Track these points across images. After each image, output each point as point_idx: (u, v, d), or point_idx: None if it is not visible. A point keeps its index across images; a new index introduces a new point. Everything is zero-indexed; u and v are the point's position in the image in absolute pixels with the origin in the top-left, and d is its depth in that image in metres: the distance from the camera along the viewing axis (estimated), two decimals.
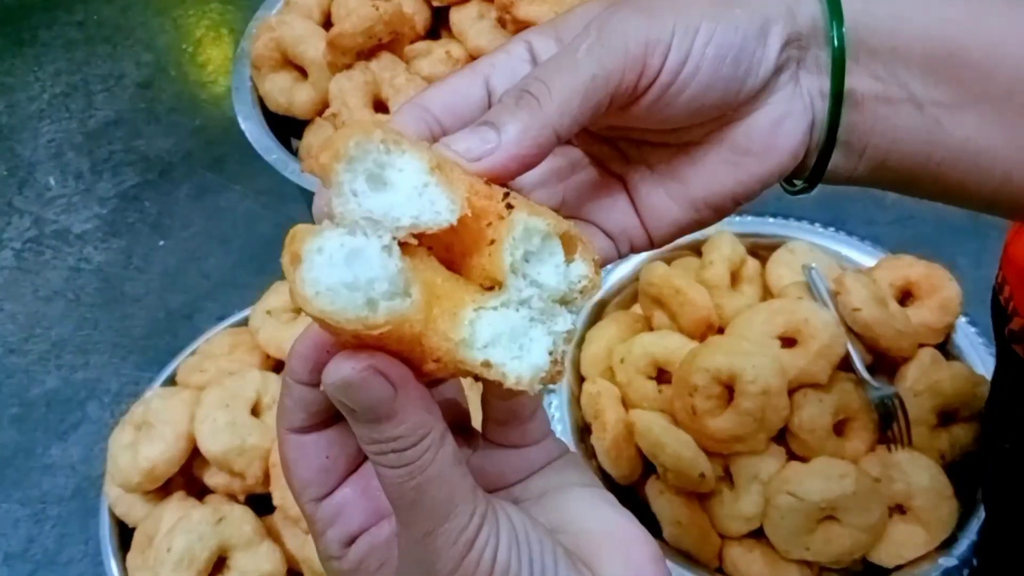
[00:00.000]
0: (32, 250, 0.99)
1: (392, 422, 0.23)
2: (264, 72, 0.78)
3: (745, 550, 0.60)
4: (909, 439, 0.61)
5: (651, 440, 0.59)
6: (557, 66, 0.26)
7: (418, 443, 0.23)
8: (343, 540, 0.27)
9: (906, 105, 0.29)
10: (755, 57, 0.28)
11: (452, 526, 0.23)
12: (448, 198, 0.24)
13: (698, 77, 0.27)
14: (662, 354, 0.63)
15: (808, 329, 0.61)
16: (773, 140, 0.29)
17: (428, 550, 0.24)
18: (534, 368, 0.24)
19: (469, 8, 0.78)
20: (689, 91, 0.27)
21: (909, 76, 0.28)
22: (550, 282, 0.25)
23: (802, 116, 0.29)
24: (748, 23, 0.27)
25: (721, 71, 0.27)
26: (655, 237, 0.31)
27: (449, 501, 0.24)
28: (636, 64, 0.26)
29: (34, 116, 1.14)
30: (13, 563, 0.76)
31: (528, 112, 0.25)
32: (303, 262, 0.22)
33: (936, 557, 0.58)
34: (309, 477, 0.27)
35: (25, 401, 0.86)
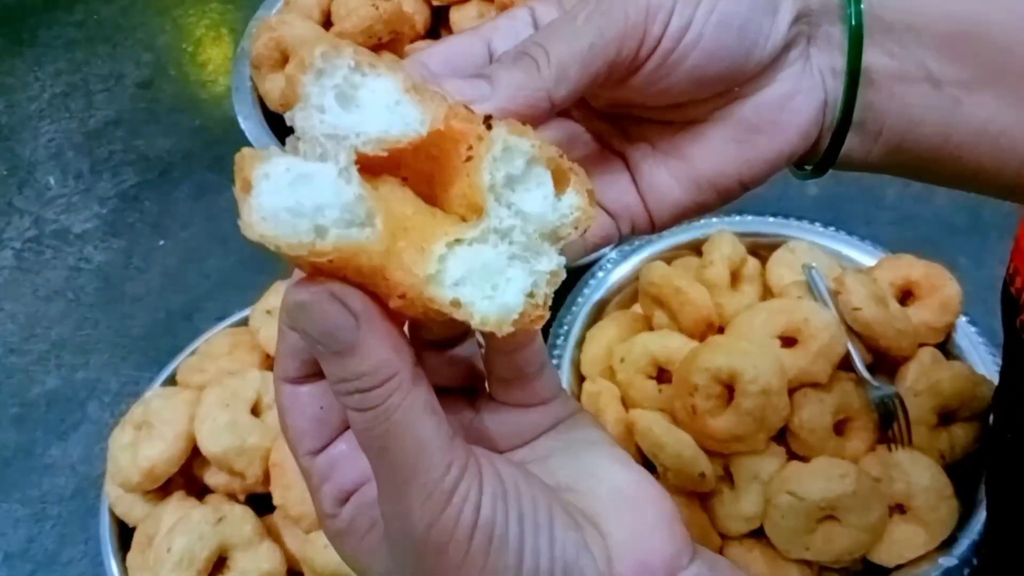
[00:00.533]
0: (32, 250, 0.99)
1: (355, 357, 0.22)
2: (264, 72, 0.78)
3: (745, 550, 0.60)
4: (909, 439, 0.61)
5: (651, 440, 0.59)
6: (556, 32, 0.25)
7: (384, 383, 0.22)
8: (337, 497, 0.26)
9: (923, 84, 0.28)
10: (763, 28, 0.26)
11: (426, 479, 0.22)
12: (419, 111, 0.22)
13: (701, 44, 0.26)
14: (662, 354, 0.63)
15: (808, 329, 0.61)
16: (782, 118, 0.28)
17: (401, 507, 0.22)
18: (503, 308, 0.22)
19: (469, 7, 0.78)
20: (691, 59, 0.26)
21: (926, 54, 0.27)
22: (536, 211, 0.23)
23: (813, 94, 0.28)
24: None
25: (726, 40, 0.26)
26: (657, 219, 0.30)
27: (419, 451, 0.22)
28: (636, 31, 0.25)
29: (34, 116, 1.14)
30: (13, 563, 0.76)
31: (524, 72, 0.25)
32: (252, 187, 0.21)
33: (936, 557, 0.58)
34: (303, 427, 0.26)
35: (25, 401, 0.86)
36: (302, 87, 0.22)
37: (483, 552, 0.22)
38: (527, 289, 0.23)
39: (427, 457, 0.22)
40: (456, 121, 0.23)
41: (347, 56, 0.22)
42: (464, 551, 0.22)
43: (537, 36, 0.26)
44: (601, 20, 0.25)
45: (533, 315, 0.23)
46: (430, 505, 0.22)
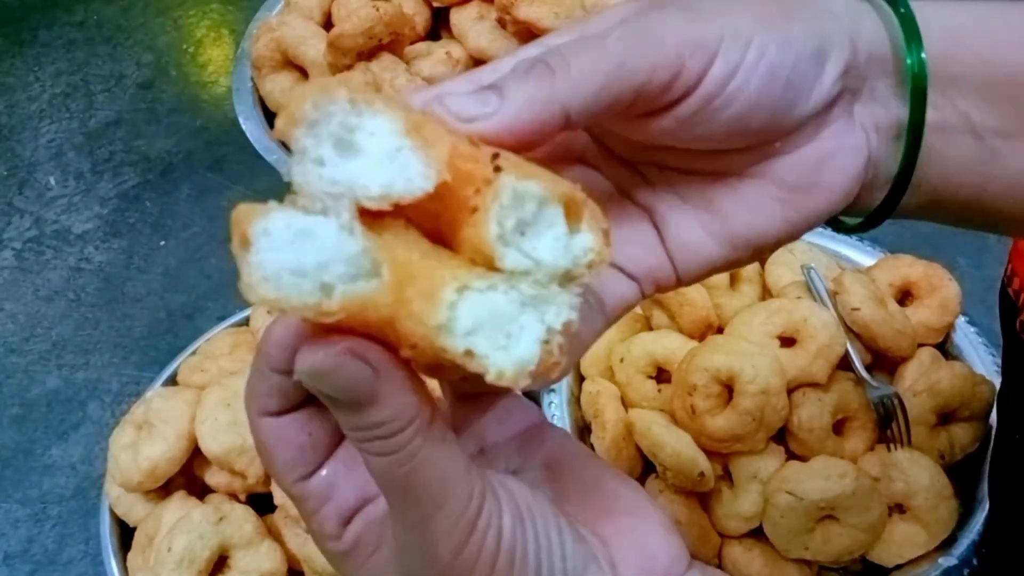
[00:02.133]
0: (32, 250, 0.99)
1: (375, 408, 0.21)
2: (265, 73, 0.78)
3: (744, 549, 0.60)
4: (908, 439, 0.61)
5: (650, 439, 0.59)
6: (582, 44, 0.23)
7: (405, 428, 0.21)
8: (340, 518, 0.25)
9: (964, 135, 0.27)
10: (808, 81, 0.25)
11: (449, 511, 0.22)
12: (423, 163, 0.21)
13: (746, 93, 0.24)
14: (662, 354, 0.63)
15: (807, 329, 0.61)
16: (823, 177, 0.27)
17: (426, 538, 0.22)
18: (520, 361, 0.21)
19: (469, 9, 0.78)
20: (734, 108, 0.24)
21: (967, 103, 0.26)
22: (548, 257, 0.21)
23: (855, 152, 0.27)
24: (803, 43, 0.25)
25: (772, 91, 0.24)
26: (683, 275, 0.28)
27: (443, 485, 0.22)
28: (672, 63, 0.23)
29: (34, 116, 1.14)
30: (13, 563, 0.76)
31: (537, 82, 0.22)
32: (252, 245, 0.20)
33: (936, 557, 0.59)
34: (291, 457, 0.25)
35: (25, 401, 0.86)
36: (296, 141, 0.21)
37: (506, 575, 0.23)
38: (542, 337, 0.21)
39: (450, 489, 0.22)
40: (461, 161, 0.21)
41: (341, 99, 0.21)
42: (491, 571, 0.22)
43: (560, 45, 0.23)
44: (635, 40, 0.23)
45: (549, 363, 0.21)
46: (456, 534, 0.22)
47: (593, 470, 0.27)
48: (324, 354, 0.21)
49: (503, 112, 0.22)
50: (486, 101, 0.22)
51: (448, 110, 0.22)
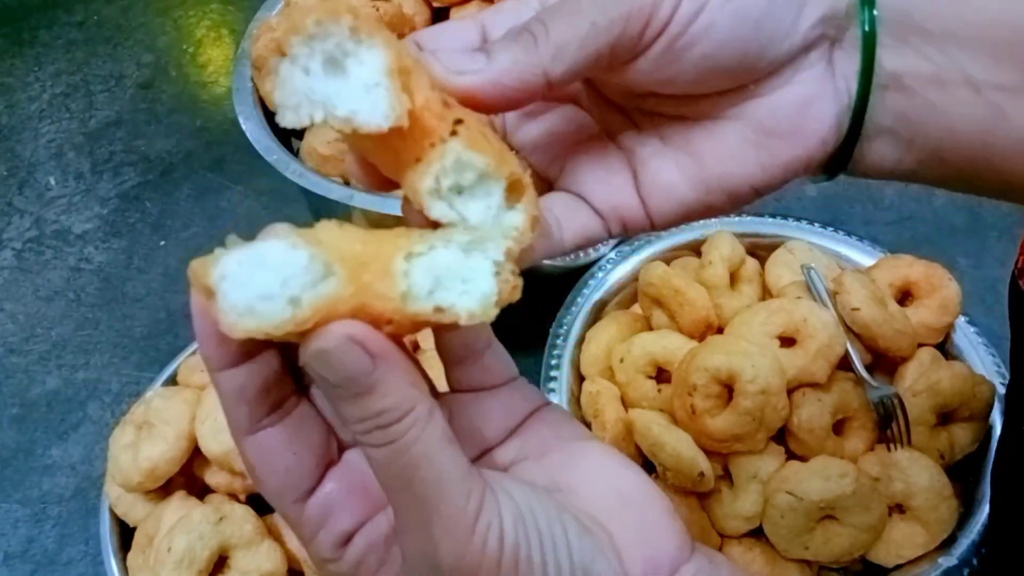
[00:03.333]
0: (32, 250, 0.99)
1: (374, 396, 0.22)
2: (265, 73, 0.78)
3: (745, 549, 0.60)
4: (908, 439, 0.61)
5: (650, 439, 0.59)
6: (560, 9, 0.25)
7: (403, 418, 0.22)
8: (337, 540, 0.25)
9: (962, 89, 0.26)
10: (783, 24, 0.25)
11: (448, 512, 0.22)
12: (390, 104, 0.22)
13: (712, 33, 0.25)
14: (661, 354, 0.63)
15: (807, 329, 0.61)
16: (800, 122, 0.27)
17: (428, 542, 0.22)
18: (482, 298, 0.23)
19: (469, 8, 0.78)
20: (700, 47, 0.25)
21: (967, 58, 0.26)
22: (474, 218, 0.24)
23: (833, 99, 0.27)
24: None
25: (741, 31, 0.25)
26: (657, 217, 0.29)
27: (440, 482, 0.22)
28: (642, 13, 0.24)
29: (34, 116, 1.14)
30: (13, 563, 0.76)
31: (522, 47, 0.24)
32: (216, 293, 0.21)
33: (936, 557, 0.59)
34: (280, 479, 0.25)
35: (25, 401, 0.86)
36: (291, 47, 0.22)
37: (512, 570, 0.23)
38: (492, 270, 0.23)
39: (449, 488, 0.22)
40: (429, 115, 0.23)
41: (344, 24, 0.22)
42: (496, 569, 0.23)
43: (541, 13, 0.25)
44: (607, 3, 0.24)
45: (508, 288, 0.23)
46: (457, 535, 0.22)
47: (596, 457, 0.27)
48: (326, 340, 0.21)
49: (489, 70, 0.24)
50: (475, 59, 0.24)
51: (440, 62, 0.24)
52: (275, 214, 0.98)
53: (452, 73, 0.24)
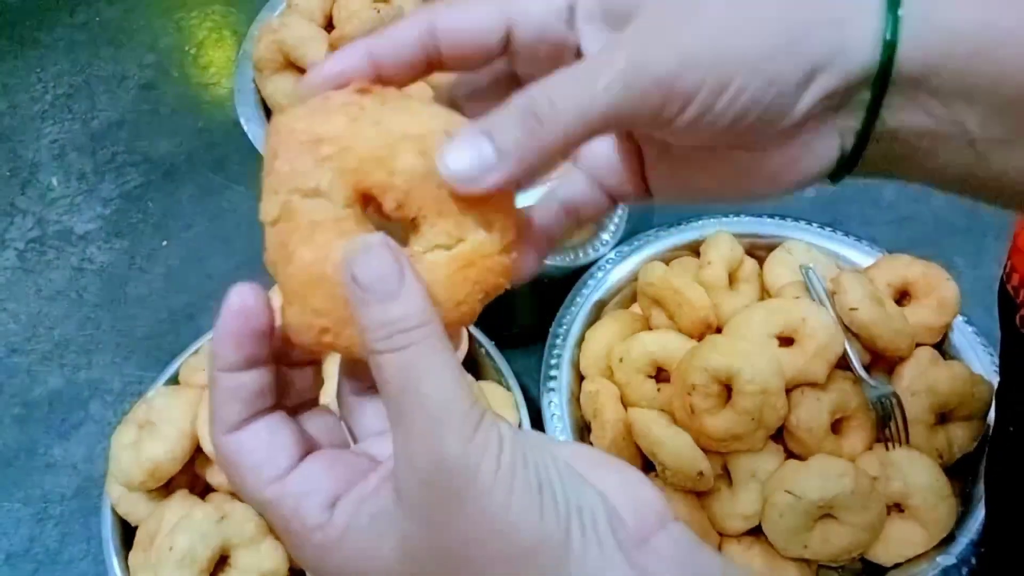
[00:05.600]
0: (35, 250, 0.99)
1: (398, 300, 0.23)
2: (266, 74, 0.79)
3: (743, 548, 0.60)
4: (907, 438, 0.61)
5: (650, 438, 0.60)
6: (572, 91, 0.24)
7: (421, 326, 0.23)
8: (324, 502, 0.25)
9: (955, 141, 0.27)
10: (782, 110, 0.25)
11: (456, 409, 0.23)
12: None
13: (711, 130, 0.25)
14: (661, 353, 0.64)
15: (806, 329, 0.61)
16: (784, 174, 0.28)
17: (434, 439, 0.23)
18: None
19: None
20: (701, 135, 0.26)
21: (970, 114, 0.26)
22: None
23: (827, 153, 0.28)
24: (790, 76, 0.25)
25: (738, 127, 0.25)
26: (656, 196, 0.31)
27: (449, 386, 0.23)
28: (653, 109, 0.25)
29: (36, 117, 1.14)
30: (15, 562, 0.76)
31: (529, 135, 0.24)
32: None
33: (934, 556, 0.59)
34: (260, 459, 0.25)
35: (28, 401, 0.86)
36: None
37: (509, 476, 0.23)
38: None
39: (458, 391, 0.23)
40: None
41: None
42: (494, 471, 0.23)
43: (552, 89, 0.25)
44: (621, 91, 0.24)
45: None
46: (463, 432, 0.23)
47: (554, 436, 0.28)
48: (365, 241, 0.24)
49: (500, 170, 0.25)
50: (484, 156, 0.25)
51: (452, 173, 0.25)
52: None
53: (467, 182, 0.24)
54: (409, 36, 0.26)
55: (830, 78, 0.25)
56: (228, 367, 0.25)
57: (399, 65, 0.27)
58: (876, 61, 0.25)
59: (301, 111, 0.26)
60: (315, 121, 0.25)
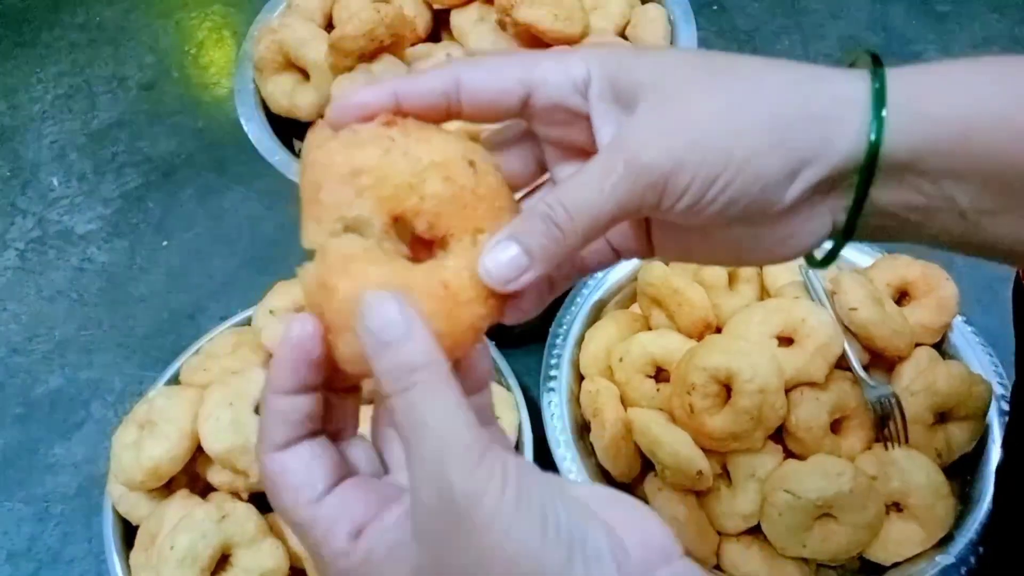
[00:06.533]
0: (35, 250, 1.00)
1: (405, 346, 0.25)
2: (266, 74, 0.79)
3: (743, 547, 0.60)
4: (906, 438, 0.61)
5: (649, 438, 0.60)
6: (583, 198, 0.28)
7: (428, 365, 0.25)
8: (352, 531, 0.27)
9: (946, 213, 0.28)
10: (769, 200, 0.28)
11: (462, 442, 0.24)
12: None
13: (704, 215, 0.28)
14: (660, 353, 0.64)
15: (805, 328, 0.61)
16: (777, 248, 0.30)
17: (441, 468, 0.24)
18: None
19: (469, 11, 0.78)
20: (694, 221, 0.29)
21: (959, 190, 0.28)
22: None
23: (820, 230, 0.30)
24: (776, 172, 0.27)
25: (728, 213, 0.28)
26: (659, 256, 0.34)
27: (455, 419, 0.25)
28: (652, 200, 0.28)
29: (37, 117, 1.14)
30: (17, 561, 0.76)
31: (551, 239, 0.28)
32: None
33: (933, 555, 0.59)
34: (299, 482, 0.27)
35: (29, 400, 0.86)
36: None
37: (513, 505, 0.24)
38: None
39: (464, 425, 0.25)
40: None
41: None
42: (497, 500, 0.24)
43: (567, 201, 0.28)
44: (624, 190, 0.28)
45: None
46: (468, 461, 0.24)
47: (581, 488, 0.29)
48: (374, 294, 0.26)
49: (530, 274, 0.28)
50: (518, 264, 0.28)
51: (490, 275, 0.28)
52: (277, 214, 0.98)
53: (505, 283, 0.28)
54: (435, 85, 0.29)
55: (817, 171, 0.27)
56: (281, 391, 0.27)
57: (421, 108, 0.29)
58: (863, 152, 0.27)
59: (335, 144, 0.28)
60: (351, 154, 0.28)
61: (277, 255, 0.94)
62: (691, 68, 0.29)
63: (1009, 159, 0.27)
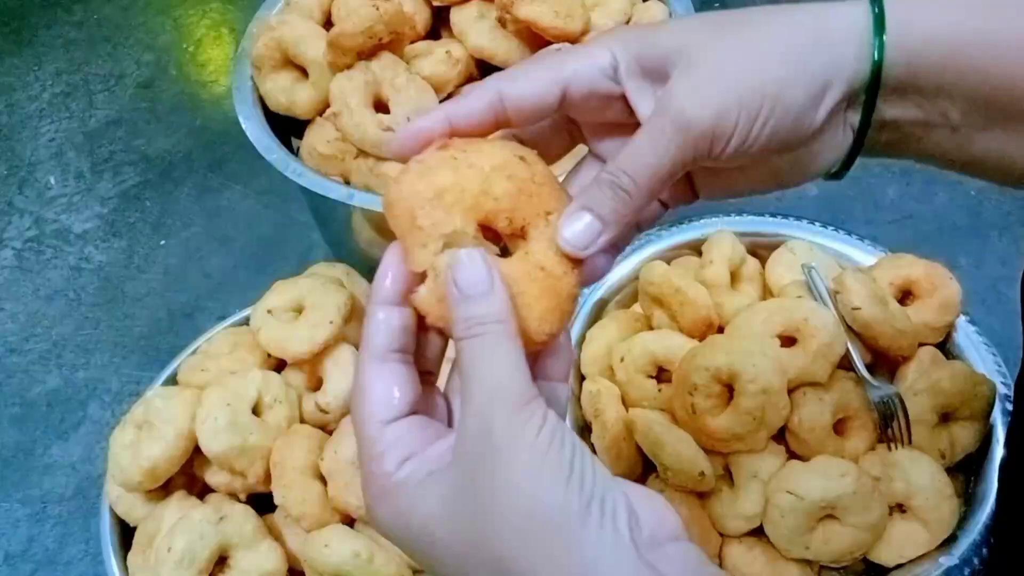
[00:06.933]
0: (32, 249, 0.99)
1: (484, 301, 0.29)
2: (265, 72, 0.78)
3: (745, 549, 0.60)
4: (909, 438, 0.61)
5: (651, 439, 0.59)
6: (641, 161, 0.32)
7: (500, 320, 0.29)
8: (399, 460, 0.30)
9: (942, 128, 0.32)
10: (804, 123, 0.32)
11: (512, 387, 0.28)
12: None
13: (751, 151, 0.32)
14: (662, 353, 0.63)
15: (808, 328, 0.61)
16: (810, 165, 0.34)
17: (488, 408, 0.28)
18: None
19: (469, 8, 0.78)
20: (740, 156, 0.32)
21: (949, 106, 0.32)
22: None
23: (840, 146, 0.34)
24: (804, 97, 0.31)
25: (771, 145, 0.32)
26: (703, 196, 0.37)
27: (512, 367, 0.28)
28: (705, 149, 0.31)
29: (34, 115, 1.14)
30: (14, 562, 0.76)
31: (620, 202, 0.32)
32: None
33: (936, 556, 0.59)
34: (382, 403, 0.31)
35: (26, 401, 0.86)
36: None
37: (544, 450, 0.27)
38: None
39: (517, 372, 0.28)
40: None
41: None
42: (531, 443, 0.27)
43: (627, 166, 0.32)
44: (678, 145, 0.31)
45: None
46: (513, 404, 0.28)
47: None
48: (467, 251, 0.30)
49: (604, 236, 0.32)
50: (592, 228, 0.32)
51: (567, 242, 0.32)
52: (276, 213, 0.98)
53: (583, 248, 0.32)
54: (481, 103, 0.32)
55: (836, 91, 0.31)
56: (384, 300, 0.31)
57: (472, 126, 0.33)
58: (868, 71, 0.31)
59: (411, 176, 0.31)
60: (429, 180, 0.31)
61: (275, 254, 0.94)
62: (708, 28, 0.32)
63: (990, 77, 0.30)
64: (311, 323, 0.64)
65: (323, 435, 0.62)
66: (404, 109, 0.71)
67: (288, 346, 0.63)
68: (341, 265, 0.73)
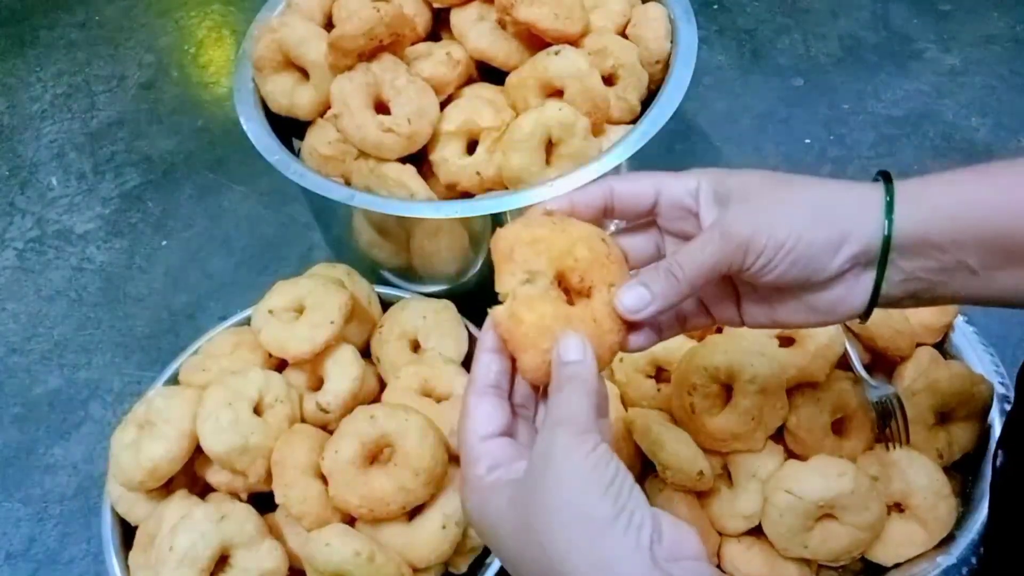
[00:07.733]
0: (34, 250, 1.00)
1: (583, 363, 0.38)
2: (266, 73, 0.78)
3: (744, 548, 0.60)
4: (907, 438, 0.61)
5: (650, 438, 0.60)
6: (691, 258, 0.40)
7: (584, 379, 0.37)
8: (490, 468, 0.37)
9: (962, 272, 0.39)
10: (821, 264, 0.39)
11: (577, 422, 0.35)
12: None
13: (776, 271, 0.39)
14: (661, 353, 0.64)
15: (806, 328, 0.61)
16: (835, 309, 0.41)
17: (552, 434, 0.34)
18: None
19: (469, 10, 0.78)
20: (768, 278, 0.40)
21: (967, 254, 0.38)
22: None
23: (860, 297, 0.41)
24: (825, 242, 0.39)
25: (792, 272, 0.39)
26: (747, 323, 0.45)
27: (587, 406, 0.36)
28: (739, 260, 0.39)
29: (36, 116, 1.14)
30: (15, 562, 0.76)
31: (669, 285, 0.40)
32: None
33: (934, 556, 0.59)
34: (483, 422, 0.38)
35: (27, 400, 0.86)
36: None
37: (590, 467, 0.33)
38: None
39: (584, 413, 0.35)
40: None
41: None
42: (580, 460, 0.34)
43: (681, 258, 0.40)
44: (719, 252, 0.39)
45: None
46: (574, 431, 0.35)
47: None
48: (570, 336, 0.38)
49: (652, 308, 0.40)
50: (642, 297, 0.40)
51: (624, 306, 0.40)
52: (276, 214, 0.98)
53: (634, 313, 0.40)
54: (597, 194, 0.42)
55: (852, 245, 0.39)
56: (488, 348, 0.40)
57: (588, 210, 0.42)
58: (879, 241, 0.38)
59: (518, 226, 0.40)
60: (531, 231, 0.40)
61: (276, 255, 0.94)
62: (764, 179, 0.41)
63: (1000, 228, 0.37)
64: (312, 323, 0.64)
65: (324, 435, 0.62)
66: (405, 110, 0.71)
67: (289, 346, 0.64)
68: (342, 266, 0.74)
